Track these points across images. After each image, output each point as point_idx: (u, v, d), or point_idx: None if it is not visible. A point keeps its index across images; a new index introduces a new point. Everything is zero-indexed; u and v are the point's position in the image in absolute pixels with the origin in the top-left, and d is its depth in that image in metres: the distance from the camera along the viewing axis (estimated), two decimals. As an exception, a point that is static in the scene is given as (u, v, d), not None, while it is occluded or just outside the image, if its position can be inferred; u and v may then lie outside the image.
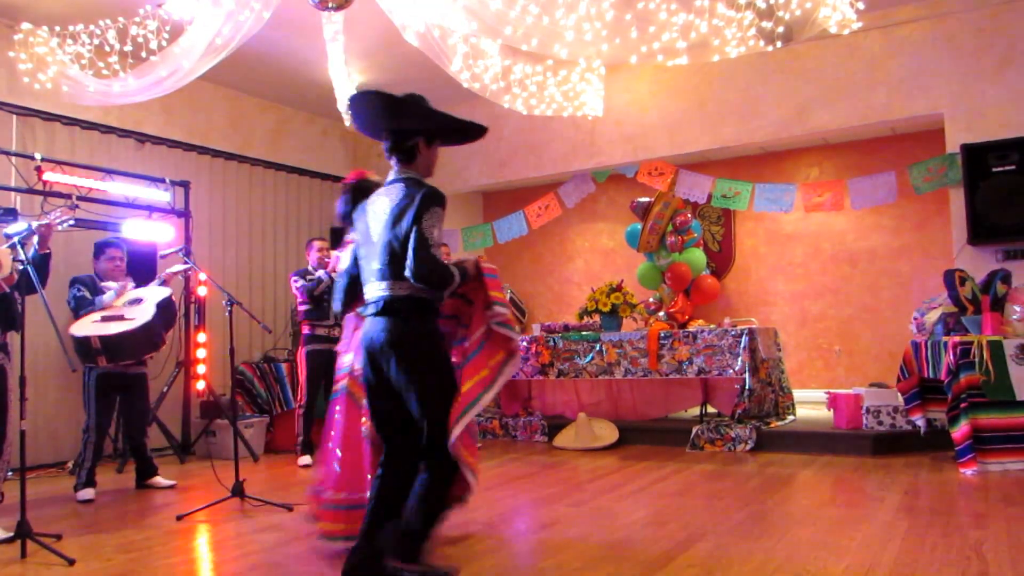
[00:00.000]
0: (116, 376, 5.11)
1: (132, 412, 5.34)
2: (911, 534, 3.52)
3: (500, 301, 3.06)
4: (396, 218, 2.90)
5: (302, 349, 6.28)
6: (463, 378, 2.98)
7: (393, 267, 2.89)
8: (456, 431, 2.86)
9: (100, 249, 5.32)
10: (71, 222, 4.88)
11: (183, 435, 6.80)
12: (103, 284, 5.19)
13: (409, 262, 2.81)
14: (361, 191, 3.27)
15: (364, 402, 3.19)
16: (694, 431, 6.25)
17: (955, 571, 2.97)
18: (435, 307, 2.99)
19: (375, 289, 2.96)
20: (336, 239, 8.88)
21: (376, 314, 2.94)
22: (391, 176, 3.07)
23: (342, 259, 3.41)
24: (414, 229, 2.82)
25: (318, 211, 9.09)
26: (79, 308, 5.00)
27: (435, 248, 2.83)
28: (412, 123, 3.04)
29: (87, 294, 5.06)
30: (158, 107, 7.07)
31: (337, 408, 3.51)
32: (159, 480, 5.32)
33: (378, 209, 2.99)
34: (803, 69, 6.94)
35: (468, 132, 3.21)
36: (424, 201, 2.86)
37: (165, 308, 5.14)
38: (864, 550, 3.29)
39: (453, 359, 3.16)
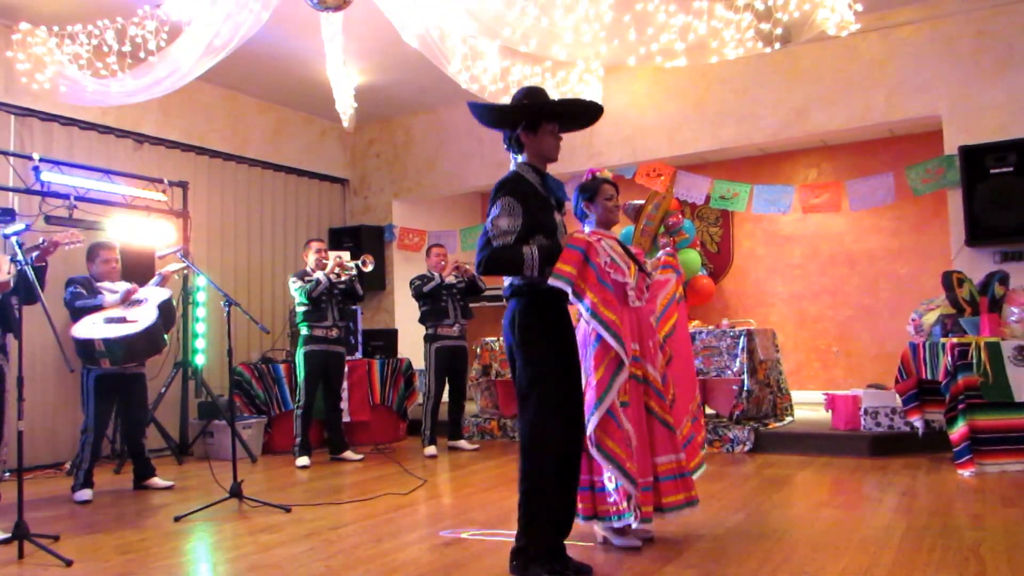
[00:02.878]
0: (115, 377, 5.10)
1: (130, 413, 5.33)
2: (909, 535, 3.52)
3: (556, 273, 3.03)
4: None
5: (300, 350, 6.28)
6: (595, 365, 3.14)
7: None
8: (592, 422, 3.04)
9: (94, 251, 5.27)
10: (78, 245, 4.95)
11: (181, 436, 6.79)
12: (99, 285, 5.17)
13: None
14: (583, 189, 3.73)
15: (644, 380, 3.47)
16: (692, 432, 6.24)
17: (953, 572, 2.97)
18: (541, 291, 3.07)
19: None
20: (335, 240, 8.90)
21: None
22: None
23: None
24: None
25: (316, 212, 9.09)
26: (75, 303, 4.97)
27: (502, 236, 3.00)
28: (510, 120, 3.23)
29: (83, 293, 5.03)
30: (156, 107, 7.07)
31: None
32: (157, 481, 5.31)
33: None
34: (801, 71, 6.94)
35: (572, 113, 3.35)
36: (494, 191, 3.11)
37: (166, 309, 5.13)
38: (862, 551, 3.29)
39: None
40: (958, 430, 5.01)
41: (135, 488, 5.31)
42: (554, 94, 6.53)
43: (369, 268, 6.41)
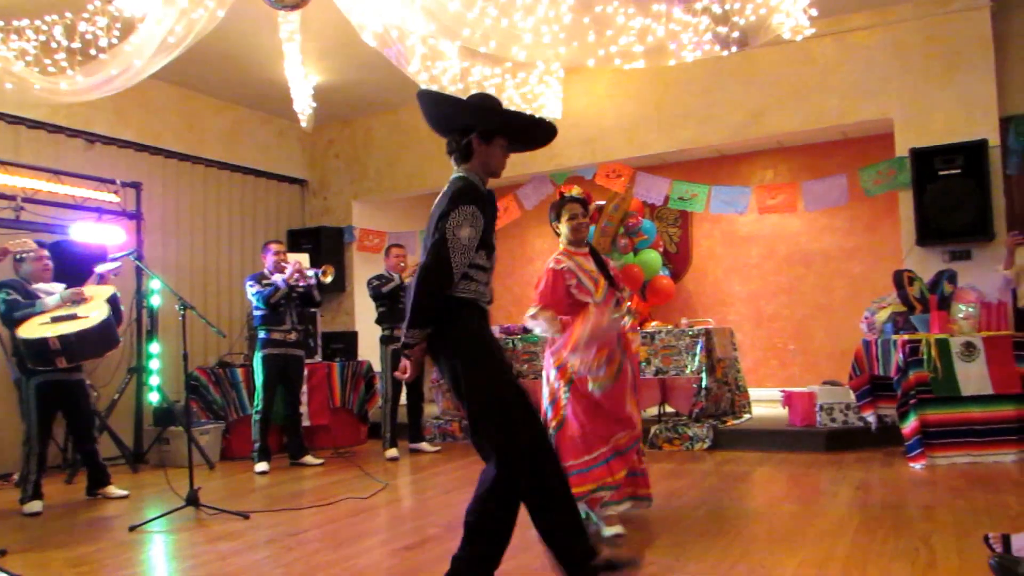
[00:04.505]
0: (56, 384, 4.93)
1: (77, 420, 5.16)
2: (863, 527, 3.59)
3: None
4: (432, 217, 2.87)
5: (258, 353, 6.19)
6: None
7: None
8: None
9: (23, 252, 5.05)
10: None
11: (135, 443, 6.64)
12: (34, 288, 4.99)
13: (422, 256, 2.81)
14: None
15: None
16: (652, 431, 6.30)
17: (905, 563, 3.04)
18: (475, 305, 2.85)
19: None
20: (294, 242, 8.79)
21: None
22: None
23: None
24: (439, 227, 2.77)
25: (275, 213, 8.97)
26: (12, 314, 4.76)
27: (462, 252, 2.74)
28: (462, 121, 2.97)
29: (19, 298, 4.85)
30: (109, 106, 6.91)
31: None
32: (112, 490, 5.16)
33: (433, 210, 2.93)
34: (758, 74, 7.05)
35: (529, 131, 3.08)
36: (453, 198, 2.80)
37: (116, 305, 5.03)
38: (818, 544, 3.36)
39: None
40: (910, 424, 5.13)
41: (88, 495, 5.16)
42: (515, 96, 6.57)
43: (328, 279, 6.35)
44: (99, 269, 5.23)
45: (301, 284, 6.24)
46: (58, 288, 5.02)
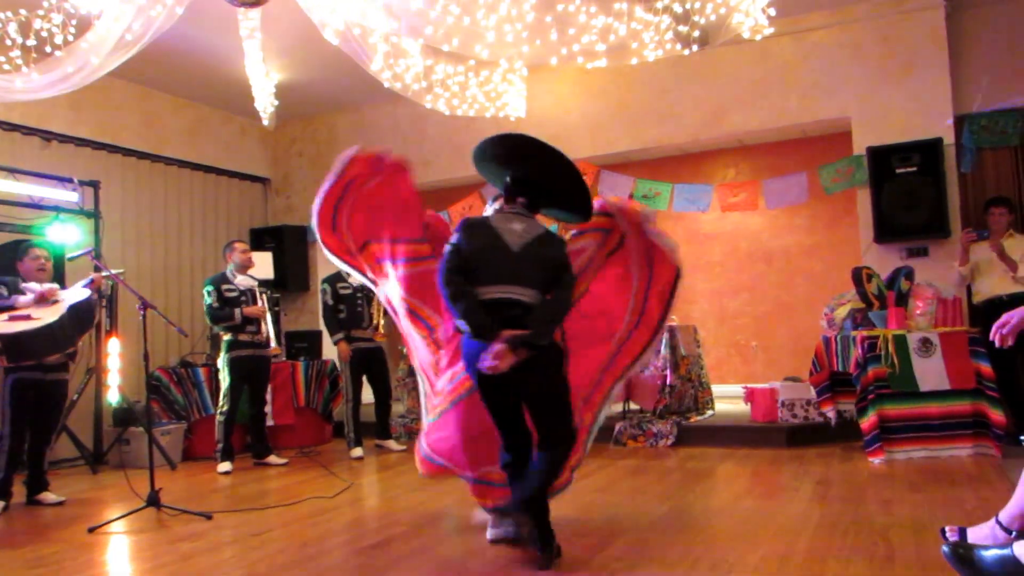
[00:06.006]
0: (35, 383, 4.86)
1: (42, 421, 5.04)
2: (823, 522, 3.66)
3: None
4: (545, 243, 3.38)
5: (224, 355, 6.09)
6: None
7: (541, 280, 3.30)
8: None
9: (23, 249, 5.10)
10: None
11: (95, 444, 6.52)
12: (25, 285, 4.94)
13: (562, 290, 3.33)
14: None
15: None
16: (617, 428, 6.35)
17: (864, 556, 3.10)
18: None
19: (510, 291, 3.27)
20: (256, 241, 8.69)
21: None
22: (517, 209, 3.47)
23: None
24: (567, 270, 3.41)
25: (237, 212, 8.87)
26: None
27: None
28: (561, 200, 3.70)
29: (3, 292, 4.82)
30: (66, 104, 6.77)
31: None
32: (48, 496, 5.01)
33: (515, 228, 3.38)
34: (719, 73, 7.12)
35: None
36: (560, 245, 3.49)
37: (80, 310, 4.93)
38: (778, 540, 3.41)
39: None
40: (868, 419, 5.22)
41: (28, 503, 4.98)
42: (479, 94, 6.57)
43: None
44: (100, 274, 5.18)
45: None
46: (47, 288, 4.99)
